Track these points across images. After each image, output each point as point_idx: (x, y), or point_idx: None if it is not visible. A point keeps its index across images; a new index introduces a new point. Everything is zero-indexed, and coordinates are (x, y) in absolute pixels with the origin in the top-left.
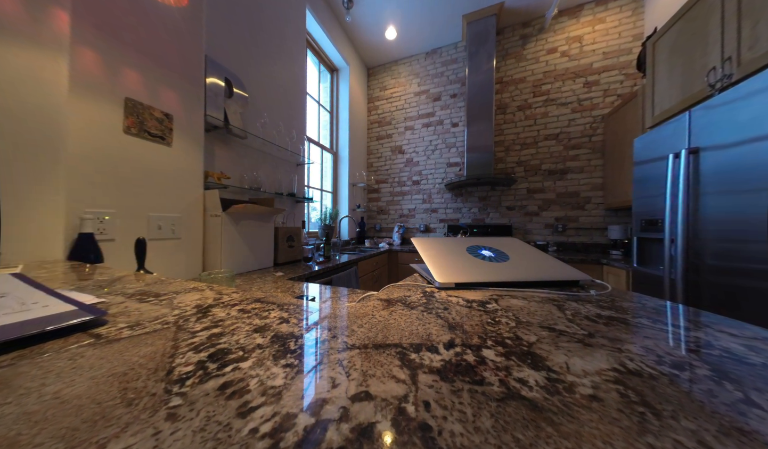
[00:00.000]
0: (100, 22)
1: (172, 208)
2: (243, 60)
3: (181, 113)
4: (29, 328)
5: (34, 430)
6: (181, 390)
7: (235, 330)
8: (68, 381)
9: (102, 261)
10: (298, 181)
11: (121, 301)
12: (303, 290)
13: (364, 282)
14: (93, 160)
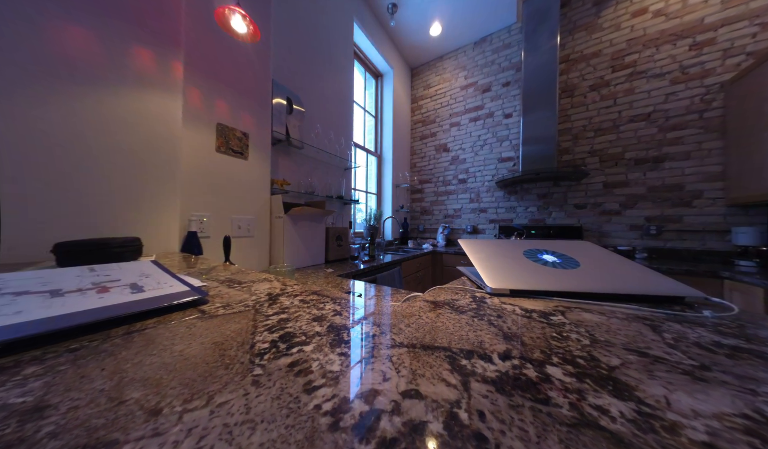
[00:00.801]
0: (202, 66)
1: (247, 210)
2: (300, 79)
3: (255, 131)
4: (163, 301)
5: (169, 376)
6: (261, 363)
7: (298, 317)
8: (187, 344)
9: (202, 253)
10: (345, 184)
11: (216, 286)
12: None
13: (407, 282)
14: (195, 174)
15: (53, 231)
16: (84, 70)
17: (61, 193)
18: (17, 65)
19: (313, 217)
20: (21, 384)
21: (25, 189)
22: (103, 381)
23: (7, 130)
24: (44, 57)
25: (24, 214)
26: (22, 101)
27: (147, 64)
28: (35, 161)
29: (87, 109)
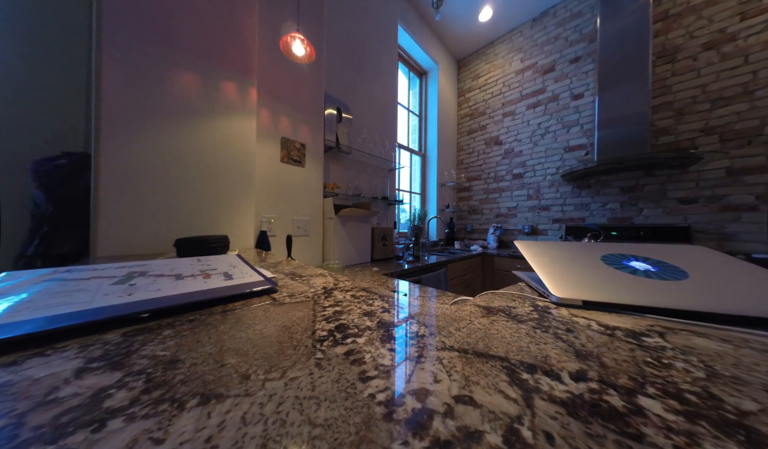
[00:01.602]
0: (270, 89)
1: (304, 212)
2: (348, 88)
3: (310, 141)
4: (246, 288)
5: (253, 351)
6: (321, 348)
7: (350, 311)
8: (264, 325)
9: (270, 249)
10: (389, 185)
11: (282, 278)
12: (396, 286)
13: (453, 285)
14: (265, 182)
15: (174, 230)
16: (188, 105)
17: (178, 202)
18: (152, 104)
19: (360, 217)
20: (161, 342)
21: (157, 199)
22: (210, 346)
23: (147, 156)
24: (165, 98)
25: (155, 218)
26: (153, 131)
27: (231, 95)
28: (160, 178)
29: (190, 136)
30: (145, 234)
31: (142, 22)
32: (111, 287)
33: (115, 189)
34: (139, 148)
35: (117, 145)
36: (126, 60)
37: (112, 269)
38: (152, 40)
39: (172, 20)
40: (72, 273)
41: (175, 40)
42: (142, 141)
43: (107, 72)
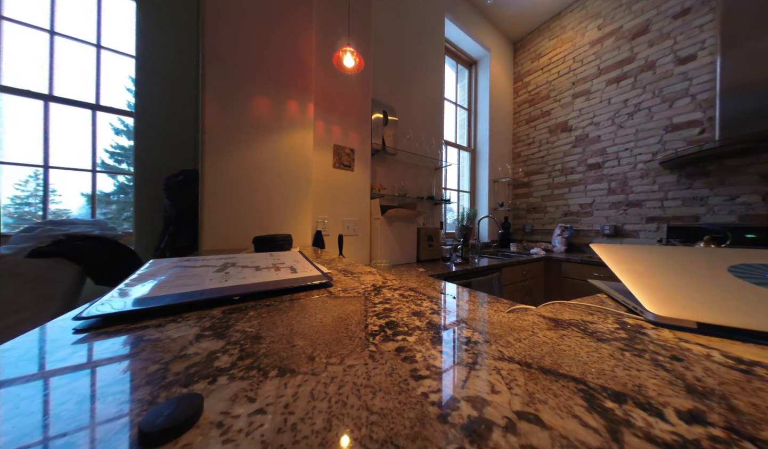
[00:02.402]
0: (324, 102)
1: (353, 213)
2: (394, 90)
3: (359, 146)
4: (308, 280)
5: (315, 336)
6: (374, 342)
7: (399, 309)
8: (323, 315)
9: (324, 247)
10: (436, 184)
11: (336, 274)
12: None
13: (509, 291)
14: (320, 187)
15: (252, 229)
16: (262, 125)
17: (255, 206)
18: (238, 127)
19: (405, 217)
20: (248, 320)
21: (240, 204)
22: (283, 328)
23: (234, 170)
24: (248, 120)
25: (239, 220)
26: (238, 149)
27: (293, 112)
28: (243, 186)
29: (263, 150)
30: (233, 233)
31: (231, 63)
32: (213, 274)
33: (214, 197)
34: (229, 163)
35: (215, 162)
36: (220, 96)
37: (213, 260)
38: (238, 76)
39: (251, 57)
40: (189, 262)
41: (252, 73)
42: (231, 158)
43: (208, 107)
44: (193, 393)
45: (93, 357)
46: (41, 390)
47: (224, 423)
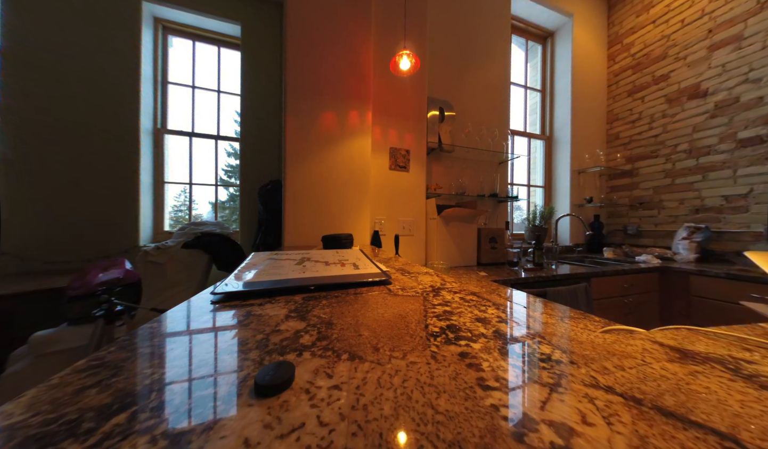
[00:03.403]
0: (381, 108)
1: (409, 213)
2: (451, 84)
3: (414, 147)
4: (369, 277)
5: (378, 329)
6: (435, 343)
7: (460, 313)
8: (384, 310)
9: (381, 247)
10: (500, 180)
11: (393, 272)
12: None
13: (601, 307)
14: (377, 188)
15: (320, 229)
16: (329, 136)
17: (322, 208)
18: (310, 141)
19: (464, 217)
20: (322, 308)
21: (312, 207)
22: (350, 318)
23: (307, 177)
24: (317, 134)
25: (311, 220)
26: (310, 159)
27: (354, 121)
28: (314, 192)
29: (329, 158)
30: (307, 232)
31: (305, 88)
32: (294, 266)
33: (293, 202)
34: (304, 173)
35: (294, 172)
36: (298, 116)
37: (293, 254)
38: (311, 98)
39: (320, 80)
40: (277, 256)
41: (321, 94)
42: (305, 168)
43: (289, 126)
44: (287, 361)
45: (223, 323)
46: (186, 344)
47: (310, 391)
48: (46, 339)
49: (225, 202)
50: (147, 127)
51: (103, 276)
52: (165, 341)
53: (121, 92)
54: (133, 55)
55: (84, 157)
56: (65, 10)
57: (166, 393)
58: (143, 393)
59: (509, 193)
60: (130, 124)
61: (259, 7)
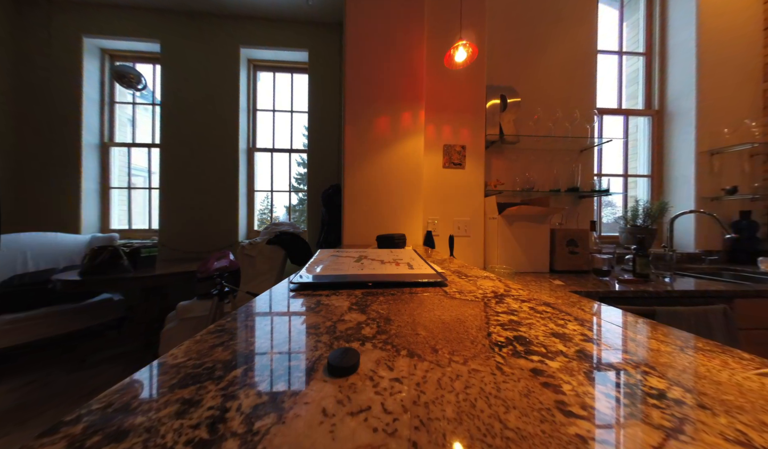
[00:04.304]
0: (434, 106)
1: (464, 213)
2: (515, 67)
3: (471, 141)
4: (424, 277)
5: (435, 330)
6: (500, 353)
7: (531, 325)
8: (441, 312)
9: (434, 247)
10: (582, 171)
11: (449, 274)
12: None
13: (753, 341)
14: (430, 188)
15: (375, 229)
16: (382, 139)
17: (376, 209)
18: (365, 146)
19: (532, 216)
20: (380, 304)
21: (367, 208)
22: (406, 316)
23: (362, 180)
24: (372, 138)
25: (367, 221)
26: (366, 163)
27: (407, 122)
28: (369, 193)
29: (383, 161)
30: (363, 231)
31: (362, 97)
32: (353, 263)
33: (351, 204)
34: (360, 176)
35: (351, 176)
36: (355, 124)
37: (352, 252)
38: (366, 106)
39: (375, 88)
40: (339, 253)
41: (376, 100)
42: (361, 172)
43: (347, 134)
44: (353, 348)
45: (299, 308)
46: (274, 322)
47: (374, 379)
48: (186, 308)
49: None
50: (243, 147)
51: (217, 264)
52: (259, 318)
53: (226, 121)
54: (234, 91)
55: (203, 175)
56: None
57: (263, 359)
58: (249, 356)
59: (596, 186)
60: (232, 145)
61: (323, 32)
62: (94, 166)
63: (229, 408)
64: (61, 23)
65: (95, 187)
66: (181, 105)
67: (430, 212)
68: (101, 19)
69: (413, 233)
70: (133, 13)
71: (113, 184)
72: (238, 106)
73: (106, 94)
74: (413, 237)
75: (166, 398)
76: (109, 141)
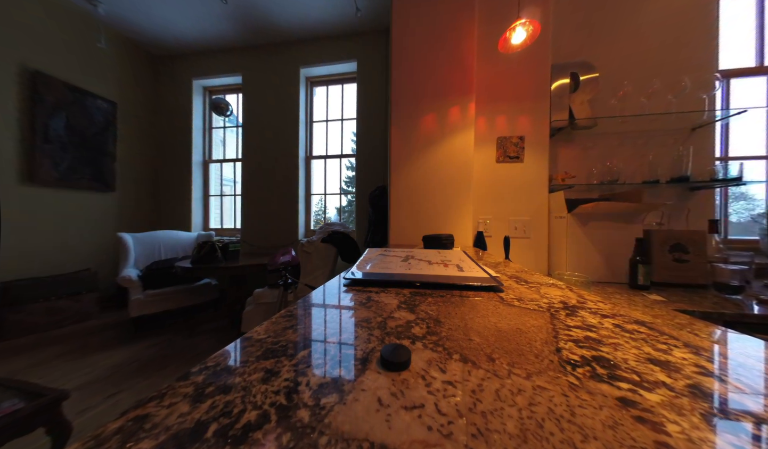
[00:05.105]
0: (486, 97)
1: (522, 212)
2: (590, 37)
3: (530, 131)
4: (476, 281)
5: (491, 338)
6: (574, 373)
7: (617, 345)
8: (497, 319)
9: (486, 249)
10: (695, 155)
11: (505, 279)
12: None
13: None
14: (481, 185)
15: (421, 229)
16: (428, 137)
17: (423, 209)
18: (411, 146)
19: (617, 214)
20: (428, 305)
21: (413, 208)
22: (457, 320)
23: (408, 181)
24: (418, 138)
25: (412, 221)
26: (411, 164)
27: (454, 117)
28: (414, 193)
29: (429, 159)
30: (409, 231)
31: (407, 98)
32: (400, 263)
33: (397, 204)
34: (406, 177)
35: (397, 177)
36: (401, 125)
37: (398, 252)
38: (412, 106)
39: (421, 86)
40: (386, 252)
41: (422, 99)
42: (407, 172)
43: (394, 136)
44: (404, 345)
45: (352, 302)
46: (332, 313)
47: (426, 378)
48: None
49: (345, 206)
50: (302, 156)
51: (283, 259)
52: (319, 309)
53: (289, 135)
54: (295, 107)
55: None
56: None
57: (323, 345)
58: (312, 340)
59: (718, 174)
60: (293, 155)
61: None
62: (199, 179)
63: (300, 382)
64: (180, 71)
65: (199, 196)
66: (256, 124)
67: (481, 211)
68: (204, 63)
69: (462, 234)
70: (224, 55)
71: (211, 193)
72: (298, 120)
73: (206, 122)
74: (462, 238)
75: (254, 366)
76: (208, 159)
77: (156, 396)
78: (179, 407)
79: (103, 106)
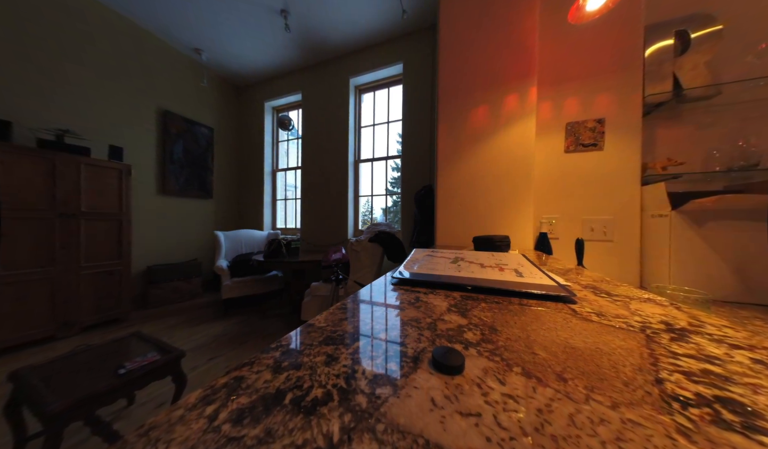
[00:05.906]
0: (551, 78)
1: (602, 210)
2: None
3: (613, 111)
4: (540, 288)
5: (561, 355)
6: (686, 414)
7: (757, 388)
8: (569, 335)
9: (551, 253)
10: None
11: (579, 289)
12: None
13: None
14: (544, 180)
15: (471, 229)
16: (480, 132)
17: (474, 208)
18: (460, 142)
19: (752, 211)
20: (482, 310)
21: (462, 207)
22: (517, 330)
23: (457, 178)
24: (467, 133)
25: (462, 220)
26: (460, 161)
27: (511, 106)
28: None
29: (480, 155)
30: (458, 232)
31: (456, 91)
32: (449, 264)
33: (444, 204)
34: (454, 175)
35: (444, 175)
36: (448, 121)
37: (447, 253)
38: (462, 99)
39: (471, 77)
40: (434, 253)
41: (472, 90)
42: (455, 170)
43: (441, 133)
44: (456, 349)
45: (401, 301)
46: (383, 310)
47: (482, 387)
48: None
49: (390, 207)
50: (351, 160)
51: (334, 256)
52: (369, 306)
53: (339, 141)
54: (345, 115)
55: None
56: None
57: (377, 339)
58: (366, 333)
59: None
60: (343, 160)
61: (416, 40)
62: (269, 186)
63: (357, 370)
64: (254, 96)
65: (269, 200)
66: (313, 135)
67: (544, 210)
68: (272, 87)
69: (520, 235)
70: (287, 77)
71: (278, 197)
72: (348, 126)
73: (274, 136)
74: (520, 240)
75: (317, 349)
76: (275, 168)
77: (248, 363)
78: (264, 375)
79: (205, 131)
